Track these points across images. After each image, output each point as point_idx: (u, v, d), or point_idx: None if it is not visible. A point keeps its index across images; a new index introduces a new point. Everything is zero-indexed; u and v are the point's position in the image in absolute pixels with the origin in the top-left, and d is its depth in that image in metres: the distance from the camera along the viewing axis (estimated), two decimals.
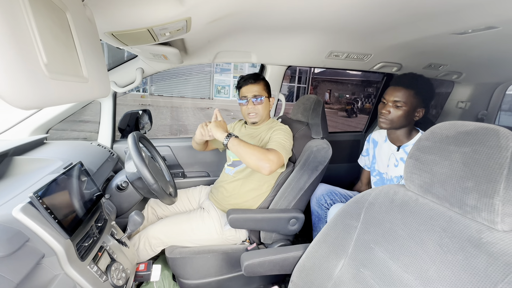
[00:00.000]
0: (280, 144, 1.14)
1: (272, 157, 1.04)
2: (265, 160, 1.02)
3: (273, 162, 1.04)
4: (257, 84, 1.28)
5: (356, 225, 0.75)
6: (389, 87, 1.18)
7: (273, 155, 1.06)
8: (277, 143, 1.14)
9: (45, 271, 0.61)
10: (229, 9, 0.82)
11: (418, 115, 1.15)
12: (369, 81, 15.52)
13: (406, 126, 1.18)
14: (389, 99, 1.16)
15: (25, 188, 0.74)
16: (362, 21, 0.97)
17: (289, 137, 1.21)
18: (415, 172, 0.63)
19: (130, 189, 1.11)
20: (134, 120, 1.62)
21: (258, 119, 1.30)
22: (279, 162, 1.08)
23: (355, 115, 11.92)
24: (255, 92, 1.26)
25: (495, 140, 0.49)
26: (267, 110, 1.33)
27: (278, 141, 1.15)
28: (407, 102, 1.12)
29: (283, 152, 1.11)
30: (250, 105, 1.28)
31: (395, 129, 1.19)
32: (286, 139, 1.18)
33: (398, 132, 1.20)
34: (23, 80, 0.32)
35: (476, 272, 0.48)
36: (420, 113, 1.15)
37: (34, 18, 0.34)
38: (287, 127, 1.27)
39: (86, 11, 0.55)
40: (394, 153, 1.22)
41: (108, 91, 0.63)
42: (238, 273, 1.22)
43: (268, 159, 1.03)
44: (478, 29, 0.93)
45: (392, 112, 1.15)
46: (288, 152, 1.17)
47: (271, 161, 1.03)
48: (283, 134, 1.19)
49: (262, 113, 1.30)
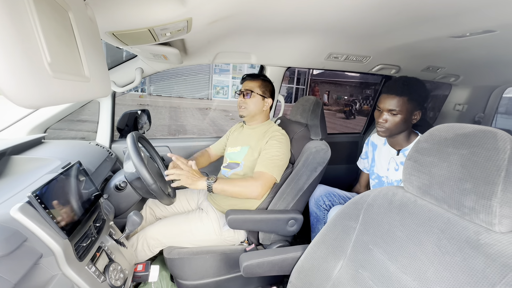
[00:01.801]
0: (271, 163, 1.15)
1: (259, 183, 1.09)
2: (252, 191, 1.08)
3: (262, 187, 1.09)
4: (253, 81, 1.31)
5: (355, 226, 0.75)
6: (382, 95, 1.16)
7: (261, 181, 1.10)
8: (268, 162, 1.15)
9: (43, 271, 0.60)
10: (230, 10, 0.82)
11: (415, 118, 1.15)
12: (367, 83, 15.60)
13: (405, 131, 1.17)
14: (384, 107, 1.14)
15: (23, 187, 0.73)
16: (361, 23, 0.97)
17: (283, 146, 1.20)
18: (413, 174, 0.64)
19: (129, 189, 1.11)
20: (132, 120, 1.62)
21: (246, 113, 1.32)
22: (268, 184, 1.12)
23: (353, 116, 11.97)
24: (248, 87, 1.30)
25: (493, 142, 0.50)
26: (258, 108, 1.31)
27: (270, 159, 1.16)
28: (402, 109, 1.11)
29: (274, 171, 1.13)
30: (240, 98, 1.32)
31: (395, 135, 1.19)
32: (279, 152, 1.17)
33: (398, 137, 1.20)
34: (28, 79, 0.32)
35: (474, 273, 0.48)
36: (417, 116, 1.15)
37: (38, 18, 0.34)
38: (283, 133, 1.26)
39: (87, 11, 0.55)
40: (394, 157, 1.22)
41: (108, 90, 0.63)
42: (237, 274, 1.22)
43: (255, 187, 1.08)
44: (476, 32, 0.94)
45: (389, 120, 1.14)
46: (281, 166, 1.17)
47: (259, 188, 1.08)
48: (277, 146, 1.18)
49: (251, 108, 1.30)
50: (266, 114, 1.37)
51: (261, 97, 1.31)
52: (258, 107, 1.32)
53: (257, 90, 1.30)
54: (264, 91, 1.32)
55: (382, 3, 0.78)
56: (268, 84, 1.34)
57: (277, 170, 1.16)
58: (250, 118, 1.35)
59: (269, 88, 1.34)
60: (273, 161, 1.16)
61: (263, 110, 1.33)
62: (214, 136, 1.83)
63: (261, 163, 1.16)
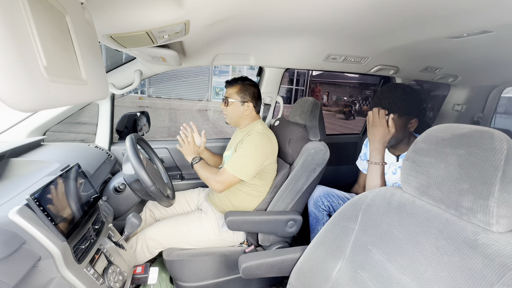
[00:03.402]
0: (236, 162, 1.16)
1: (220, 179, 1.17)
2: (213, 185, 1.18)
3: (220, 184, 1.17)
4: (231, 88, 1.31)
5: (354, 227, 0.75)
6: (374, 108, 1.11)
7: (220, 178, 1.17)
8: (233, 162, 1.17)
9: (42, 274, 0.60)
10: (228, 12, 0.83)
11: (412, 126, 1.11)
12: (367, 84, 15.60)
13: (403, 139, 1.15)
14: None
15: (22, 190, 0.73)
16: (360, 24, 0.98)
17: (253, 146, 1.18)
18: (411, 174, 0.64)
19: (128, 191, 1.11)
20: (132, 122, 1.62)
21: (229, 121, 1.34)
22: (228, 182, 1.17)
23: (352, 117, 11.97)
24: (226, 95, 1.31)
25: (489, 142, 0.50)
26: (238, 114, 1.30)
27: (236, 158, 1.17)
28: (395, 125, 1.06)
29: (238, 171, 1.15)
30: (222, 106, 1.33)
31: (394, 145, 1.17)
32: (247, 153, 1.17)
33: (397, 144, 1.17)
34: (23, 83, 0.32)
35: (472, 274, 0.48)
36: (414, 124, 1.11)
37: (34, 22, 0.34)
38: (260, 132, 1.22)
39: (85, 14, 0.56)
40: (394, 162, 1.19)
41: (106, 93, 0.63)
42: (236, 275, 1.22)
43: (216, 182, 1.17)
44: (473, 33, 0.94)
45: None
46: (249, 166, 1.16)
47: (219, 183, 1.17)
48: (247, 147, 1.18)
49: (232, 115, 1.30)
50: (251, 117, 1.33)
51: (240, 102, 1.28)
52: (238, 113, 1.30)
53: (235, 96, 1.28)
54: (243, 95, 1.29)
55: (380, 4, 0.78)
56: (249, 87, 1.30)
57: (244, 170, 1.15)
58: (236, 124, 1.35)
59: (249, 91, 1.30)
60: (238, 161, 1.16)
61: (245, 115, 1.31)
62: (213, 138, 1.83)
63: (229, 161, 1.19)
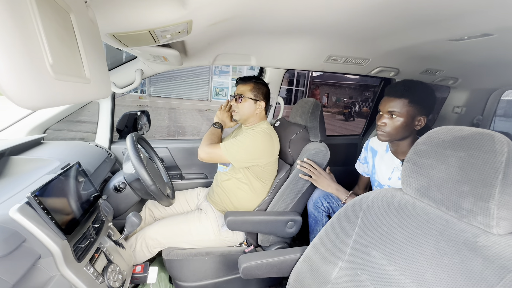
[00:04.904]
0: (228, 144, 1.19)
1: (209, 150, 1.20)
2: (202, 149, 1.21)
3: (207, 154, 1.20)
4: (244, 85, 1.32)
5: (354, 228, 0.75)
6: (383, 97, 1.11)
7: (212, 149, 1.20)
8: (228, 143, 1.20)
9: (41, 272, 0.60)
10: (230, 12, 0.83)
11: (419, 124, 1.07)
12: (367, 85, 15.63)
13: (407, 137, 1.11)
14: (383, 109, 1.09)
15: (22, 188, 0.73)
16: (361, 26, 0.98)
17: (252, 138, 1.20)
18: (412, 176, 0.64)
19: (128, 190, 1.11)
20: (132, 121, 1.62)
21: (238, 117, 1.34)
22: (214, 155, 1.20)
23: (352, 118, 11.98)
24: (239, 91, 1.32)
25: (490, 145, 0.50)
26: (250, 112, 1.31)
27: (231, 142, 1.20)
28: (402, 111, 1.04)
29: (228, 150, 1.18)
30: (233, 102, 1.34)
31: (396, 141, 1.13)
32: (245, 140, 1.19)
33: (401, 144, 1.13)
34: (29, 80, 0.32)
35: (472, 275, 0.48)
36: (421, 122, 1.07)
37: (40, 20, 0.34)
38: (263, 130, 1.24)
39: (89, 13, 0.56)
40: (398, 166, 1.15)
41: (109, 92, 0.64)
42: (236, 275, 1.22)
43: (205, 148, 1.21)
44: (474, 36, 0.95)
45: (388, 124, 1.08)
46: (241, 152, 1.18)
47: (205, 152, 1.20)
48: (245, 138, 1.20)
49: (243, 112, 1.31)
50: (260, 116, 1.35)
51: (253, 100, 1.30)
52: (250, 111, 1.31)
53: (249, 94, 1.29)
54: (256, 94, 1.30)
55: (382, 6, 0.78)
56: (262, 86, 1.33)
57: (234, 154, 1.18)
58: (244, 121, 1.36)
59: (262, 90, 1.32)
60: (233, 144, 1.19)
61: (255, 113, 1.33)
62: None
63: (225, 141, 1.22)
